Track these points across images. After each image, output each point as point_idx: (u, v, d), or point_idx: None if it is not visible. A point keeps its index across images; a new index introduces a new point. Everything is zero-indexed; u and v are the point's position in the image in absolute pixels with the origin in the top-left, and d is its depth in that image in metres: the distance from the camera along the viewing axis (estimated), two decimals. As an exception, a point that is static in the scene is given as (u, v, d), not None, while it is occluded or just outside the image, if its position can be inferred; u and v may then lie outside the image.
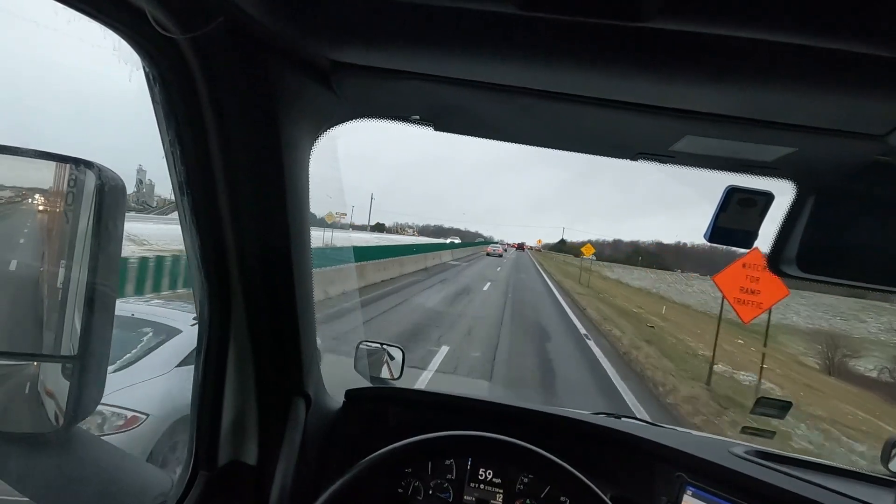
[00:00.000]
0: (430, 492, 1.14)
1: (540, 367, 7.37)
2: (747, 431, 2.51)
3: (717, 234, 0.77)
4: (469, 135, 0.91)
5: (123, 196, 0.72)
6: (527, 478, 1.11)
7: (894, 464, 1.28)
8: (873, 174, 0.71)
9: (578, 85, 0.65)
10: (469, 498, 1.13)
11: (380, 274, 15.58)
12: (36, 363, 0.75)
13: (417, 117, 0.85)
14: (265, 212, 0.80)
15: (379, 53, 0.67)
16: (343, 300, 10.30)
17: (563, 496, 1.08)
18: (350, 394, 1.24)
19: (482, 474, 1.13)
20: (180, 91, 0.66)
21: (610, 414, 1.38)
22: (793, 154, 0.73)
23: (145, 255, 8.30)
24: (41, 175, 0.69)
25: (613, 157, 0.90)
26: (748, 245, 0.78)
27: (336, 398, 1.23)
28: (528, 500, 1.10)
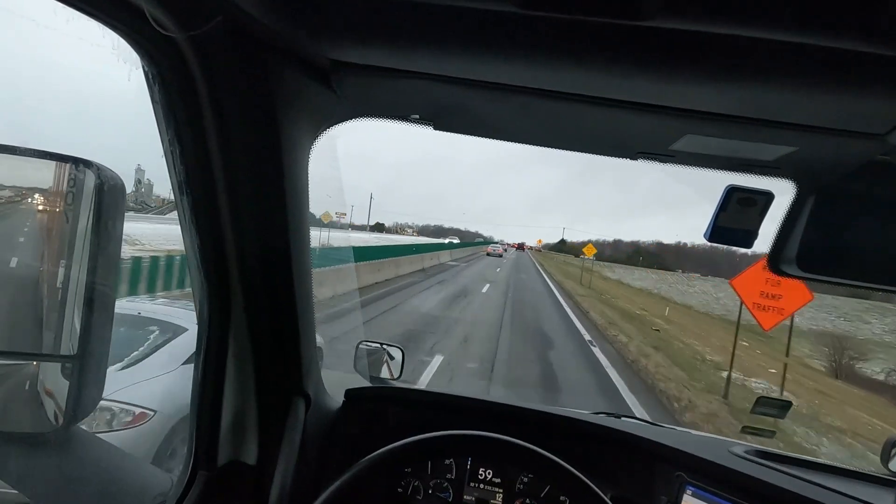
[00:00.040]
0: (429, 491, 1.14)
1: (542, 378, 6.96)
2: (747, 431, 2.51)
3: (717, 233, 0.77)
4: (469, 134, 0.91)
5: (123, 195, 0.72)
6: (526, 477, 1.11)
7: (894, 463, 1.28)
8: (874, 173, 0.70)
9: (578, 84, 0.65)
10: (469, 497, 1.13)
11: (373, 276, 15.10)
12: (35, 363, 0.75)
13: (417, 116, 0.85)
14: (265, 211, 0.80)
15: (379, 52, 0.67)
16: (332, 304, 9.82)
17: (563, 496, 1.08)
18: (350, 393, 1.24)
19: (482, 474, 1.13)
20: (179, 90, 0.66)
21: (610, 413, 1.38)
22: (793, 153, 0.73)
23: (137, 255, 8.20)
24: (40, 174, 0.68)
25: (613, 156, 0.90)
26: (748, 245, 0.78)
27: (336, 398, 1.23)
28: (528, 500, 1.10)
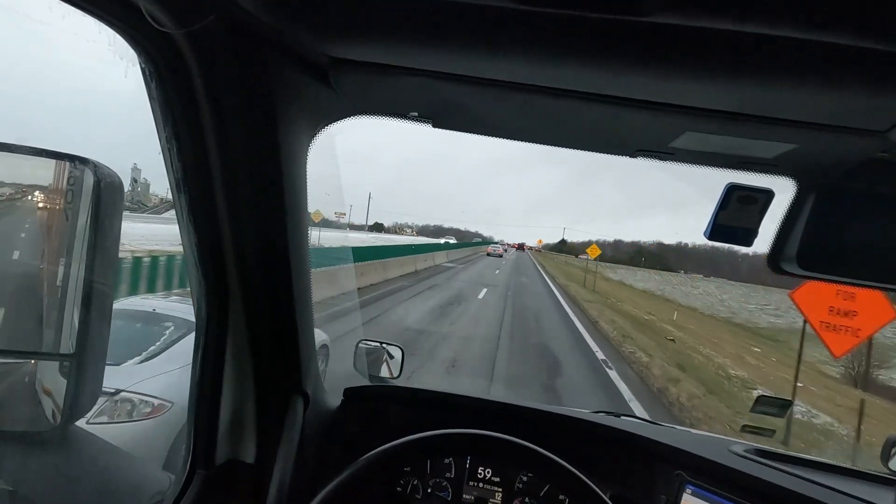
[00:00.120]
0: (428, 490, 1.14)
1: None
2: (747, 430, 2.51)
3: (717, 231, 0.76)
4: (468, 131, 0.91)
5: (121, 193, 0.71)
6: (526, 476, 1.11)
7: (894, 462, 1.27)
8: (874, 171, 0.70)
9: (578, 81, 0.65)
10: (468, 496, 1.13)
11: (356, 281, 13.03)
12: (33, 361, 0.75)
13: (416, 114, 0.84)
14: (263, 209, 0.80)
15: (377, 49, 0.66)
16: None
17: (563, 495, 1.07)
18: (348, 392, 1.24)
19: (481, 473, 1.13)
20: (177, 87, 0.66)
21: (609, 412, 1.38)
22: (793, 151, 0.72)
23: (120, 256, 8.07)
24: (37, 172, 0.68)
25: (612, 153, 0.90)
26: (748, 243, 0.77)
27: (334, 397, 1.23)
28: (527, 499, 1.10)
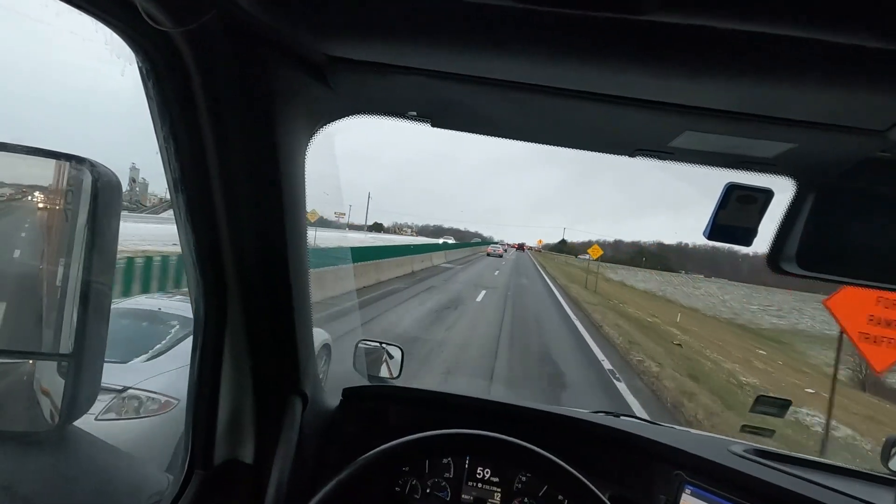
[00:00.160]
0: (427, 490, 1.14)
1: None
2: (747, 430, 2.50)
3: (716, 231, 0.76)
4: (467, 131, 0.91)
5: (119, 193, 0.71)
6: (525, 476, 1.11)
7: (894, 462, 1.27)
8: (874, 170, 0.70)
9: (577, 80, 0.65)
10: (467, 497, 1.12)
11: (348, 283, 11.95)
12: (31, 361, 0.74)
13: (414, 113, 0.84)
14: (261, 208, 0.80)
15: (375, 48, 0.66)
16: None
17: (561, 495, 1.07)
18: (347, 392, 1.24)
19: (480, 473, 1.13)
20: (174, 86, 0.65)
21: (609, 412, 1.38)
22: (793, 150, 0.72)
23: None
24: (34, 172, 0.68)
25: (612, 153, 0.90)
26: (748, 243, 0.77)
27: (333, 397, 1.22)
28: (526, 499, 1.10)
